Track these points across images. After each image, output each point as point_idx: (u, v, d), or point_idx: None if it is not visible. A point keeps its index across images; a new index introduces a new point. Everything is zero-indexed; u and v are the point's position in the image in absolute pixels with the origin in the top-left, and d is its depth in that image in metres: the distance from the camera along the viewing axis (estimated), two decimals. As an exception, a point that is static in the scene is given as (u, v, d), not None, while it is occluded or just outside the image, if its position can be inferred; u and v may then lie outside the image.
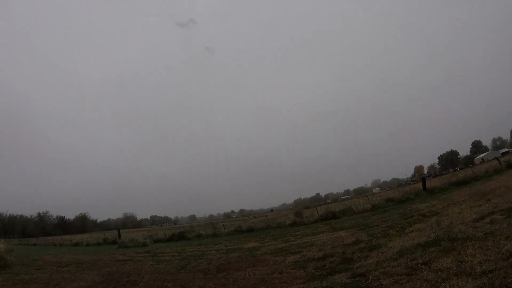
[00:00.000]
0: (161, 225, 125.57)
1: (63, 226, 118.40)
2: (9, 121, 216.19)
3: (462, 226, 10.54)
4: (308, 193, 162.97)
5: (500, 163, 34.12)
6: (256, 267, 11.38)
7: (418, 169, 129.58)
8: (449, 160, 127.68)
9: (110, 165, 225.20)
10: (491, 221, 10.20)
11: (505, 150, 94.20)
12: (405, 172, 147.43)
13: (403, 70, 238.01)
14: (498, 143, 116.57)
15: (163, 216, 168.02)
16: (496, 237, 8.14)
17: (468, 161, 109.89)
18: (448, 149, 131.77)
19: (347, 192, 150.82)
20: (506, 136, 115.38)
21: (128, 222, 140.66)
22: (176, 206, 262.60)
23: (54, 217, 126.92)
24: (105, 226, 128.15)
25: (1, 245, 19.59)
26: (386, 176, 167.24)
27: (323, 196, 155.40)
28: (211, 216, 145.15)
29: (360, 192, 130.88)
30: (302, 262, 11.04)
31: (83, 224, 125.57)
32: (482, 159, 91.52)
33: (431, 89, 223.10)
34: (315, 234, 18.98)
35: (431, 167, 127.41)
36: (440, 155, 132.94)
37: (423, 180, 36.02)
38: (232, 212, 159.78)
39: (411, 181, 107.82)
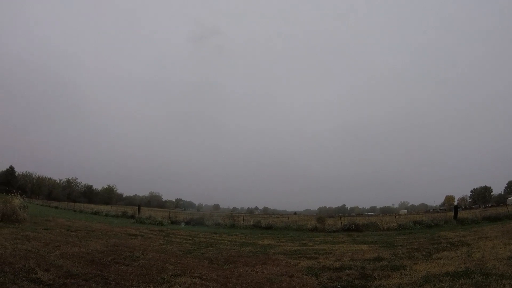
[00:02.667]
0: (184, 209, 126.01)
1: (89, 194, 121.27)
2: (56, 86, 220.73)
3: (496, 262, 9.61)
4: (333, 203, 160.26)
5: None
6: (266, 266, 10.73)
7: (449, 198, 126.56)
8: (481, 195, 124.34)
9: (144, 144, 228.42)
10: None
11: None
12: (435, 199, 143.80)
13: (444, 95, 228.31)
14: None
15: (188, 201, 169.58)
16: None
17: (501, 199, 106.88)
18: (482, 184, 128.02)
19: (373, 209, 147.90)
20: None
21: (153, 201, 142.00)
22: (202, 194, 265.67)
23: (82, 184, 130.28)
24: (130, 201, 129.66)
25: (16, 200, 19.83)
26: (414, 200, 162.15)
27: (348, 208, 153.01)
28: (234, 208, 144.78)
29: (386, 211, 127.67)
30: (316, 269, 10.25)
31: (109, 196, 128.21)
32: None
33: (474, 119, 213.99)
34: (334, 243, 18.13)
35: (462, 199, 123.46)
36: (473, 189, 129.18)
37: (456, 208, 34.40)
38: (256, 208, 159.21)
39: (440, 209, 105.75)
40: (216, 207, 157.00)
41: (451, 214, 33.01)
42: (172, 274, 8.68)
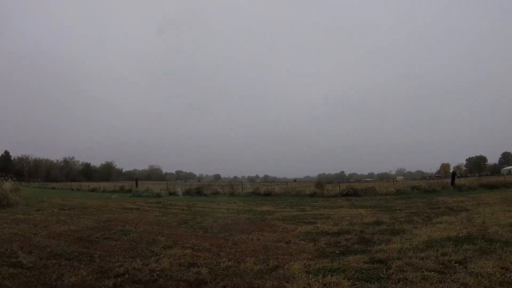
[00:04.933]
0: (185, 181, 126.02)
1: (87, 173, 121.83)
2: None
3: (498, 228, 9.37)
4: (333, 170, 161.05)
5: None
6: (263, 232, 10.42)
7: (445, 166, 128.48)
8: (476, 164, 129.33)
9: (141, 116, 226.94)
10: None
11: None
12: (431, 167, 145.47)
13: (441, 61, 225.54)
14: None
15: (188, 172, 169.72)
16: (544, 248, 6.96)
17: (495, 169, 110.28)
18: (477, 154, 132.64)
19: (371, 175, 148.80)
20: None
21: (153, 175, 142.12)
22: (203, 164, 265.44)
23: (80, 163, 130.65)
24: (130, 176, 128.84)
25: (7, 184, 19.46)
26: (411, 167, 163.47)
27: (347, 175, 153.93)
28: (235, 178, 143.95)
29: (384, 177, 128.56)
30: (314, 234, 9.97)
31: (108, 172, 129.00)
32: (509, 171, 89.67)
33: (470, 89, 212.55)
34: (333, 207, 17.99)
35: (457, 168, 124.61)
36: (469, 158, 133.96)
37: (453, 175, 34.29)
38: (257, 176, 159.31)
39: (436, 176, 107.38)
40: (217, 177, 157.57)
41: (448, 180, 33.10)
42: (163, 246, 8.41)
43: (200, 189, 34.02)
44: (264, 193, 30.89)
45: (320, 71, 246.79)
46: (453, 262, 6.28)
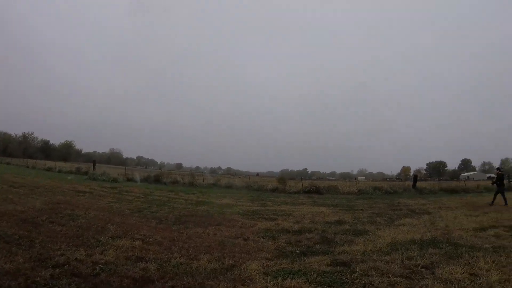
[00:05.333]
0: (146, 167, 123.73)
1: (46, 150, 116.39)
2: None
3: (462, 233, 9.26)
4: (296, 167, 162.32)
5: (492, 183, 33.84)
6: (220, 227, 9.83)
7: (405, 169, 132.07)
8: (436, 169, 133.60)
9: (105, 98, 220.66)
10: (496, 235, 9.05)
11: (492, 175, 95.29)
12: (392, 170, 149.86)
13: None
14: (487, 167, 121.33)
15: (150, 158, 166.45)
16: (510, 254, 6.78)
17: (454, 175, 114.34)
18: (438, 159, 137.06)
19: (333, 174, 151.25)
20: (496, 163, 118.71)
21: (114, 158, 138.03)
22: (165, 152, 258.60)
23: (39, 139, 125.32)
24: (89, 157, 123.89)
25: None
26: (372, 168, 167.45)
27: (309, 172, 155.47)
28: (197, 168, 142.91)
29: (346, 177, 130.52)
30: (274, 231, 9.46)
31: (67, 151, 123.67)
32: (468, 177, 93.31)
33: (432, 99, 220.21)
34: (295, 204, 17.58)
35: (418, 171, 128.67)
36: (429, 163, 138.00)
37: (415, 177, 34.85)
38: (219, 168, 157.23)
39: (396, 178, 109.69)
40: (179, 165, 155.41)
41: (409, 183, 33.57)
42: (111, 236, 7.70)
43: (159, 176, 32.74)
44: (225, 185, 30.24)
45: (285, 70, 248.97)
46: (419, 267, 5.93)
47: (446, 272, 5.57)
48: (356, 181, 39.15)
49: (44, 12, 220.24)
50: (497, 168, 20.10)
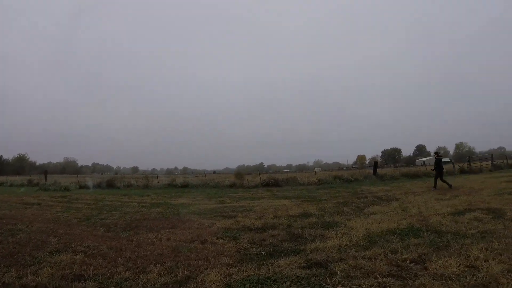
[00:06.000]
0: (102, 174, 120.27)
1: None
2: None
3: (440, 218, 8.53)
4: (252, 162, 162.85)
5: (454, 166, 34.56)
6: (175, 230, 8.73)
7: (361, 158, 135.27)
8: (392, 156, 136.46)
9: (54, 108, 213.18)
10: (476, 218, 8.32)
11: (447, 159, 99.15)
12: (347, 159, 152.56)
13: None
14: (441, 152, 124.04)
15: (105, 164, 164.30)
16: (502, 240, 6.02)
17: (410, 161, 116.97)
18: (392, 146, 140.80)
19: (289, 166, 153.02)
20: (450, 148, 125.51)
21: (68, 167, 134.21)
22: (121, 157, 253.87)
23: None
24: (44, 169, 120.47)
25: None
26: (327, 158, 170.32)
27: (266, 166, 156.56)
28: (153, 170, 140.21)
29: (302, 168, 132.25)
30: (235, 230, 8.43)
31: (20, 165, 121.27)
32: (424, 162, 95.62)
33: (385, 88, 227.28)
34: (254, 199, 16.73)
35: (374, 159, 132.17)
36: (384, 150, 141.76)
37: (375, 164, 34.62)
38: (176, 169, 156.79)
39: (352, 167, 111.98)
40: (135, 169, 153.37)
41: (369, 170, 33.60)
42: (50, 251, 6.61)
43: (112, 181, 31.66)
44: (181, 184, 29.24)
45: (236, 66, 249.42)
46: (408, 262, 5.07)
47: (440, 266, 4.73)
48: (315, 172, 38.93)
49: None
50: (435, 153, 20.24)
